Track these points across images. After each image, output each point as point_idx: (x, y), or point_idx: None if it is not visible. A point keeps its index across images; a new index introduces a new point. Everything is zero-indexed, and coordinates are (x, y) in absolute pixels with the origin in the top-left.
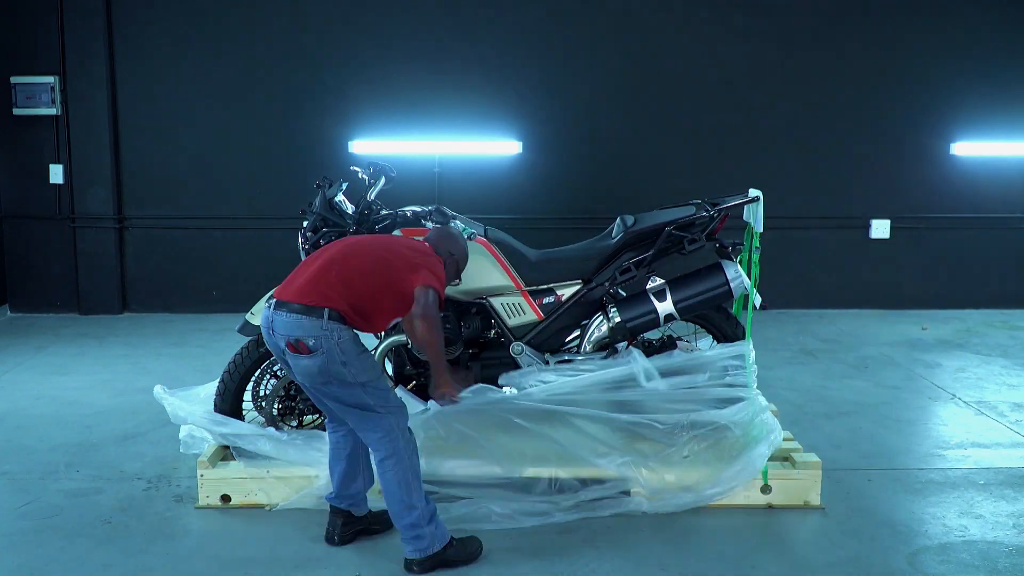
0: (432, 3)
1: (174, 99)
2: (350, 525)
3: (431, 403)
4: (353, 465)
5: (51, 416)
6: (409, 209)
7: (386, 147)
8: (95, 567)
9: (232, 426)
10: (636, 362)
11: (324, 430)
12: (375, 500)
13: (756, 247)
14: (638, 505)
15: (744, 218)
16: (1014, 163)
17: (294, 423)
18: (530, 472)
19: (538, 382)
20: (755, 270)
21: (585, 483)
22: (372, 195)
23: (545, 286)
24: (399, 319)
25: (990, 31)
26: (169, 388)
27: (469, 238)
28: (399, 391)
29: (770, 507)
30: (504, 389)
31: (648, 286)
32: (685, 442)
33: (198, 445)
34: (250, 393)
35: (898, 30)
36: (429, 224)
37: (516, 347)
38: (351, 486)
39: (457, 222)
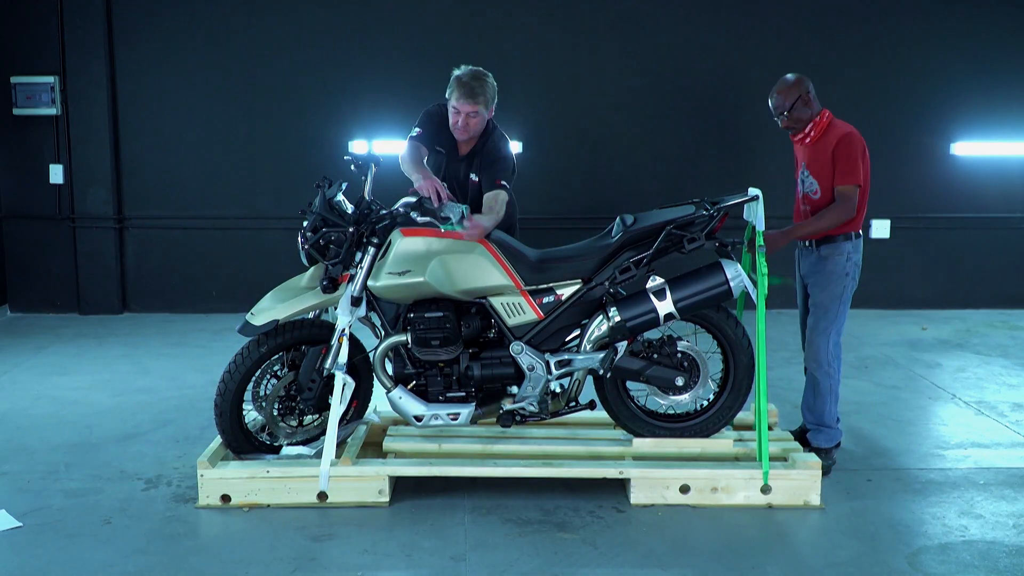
0: (432, 3)
1: (174, 99)
2: None
3: None
4: None
5: (51, 416)
6: (401, 203)
7: (386, 147)
8: (95, 567)
9: None
10: None
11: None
12: None
13: (760, 245)
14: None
15: (744, 217)
16: (1014, 163)
17: (294, 423)
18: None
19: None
20: (763, 269)
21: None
22: (368, 193)
23: (545, 286)
24: None
25: (990, 31)
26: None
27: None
28: (399, 391)
29: (770, 507)
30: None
31: (648, 285)
32: None
33: None
34: (250, 393)
35: (898, 30)
36: (415, 215)
37: (516, 347)
38: None
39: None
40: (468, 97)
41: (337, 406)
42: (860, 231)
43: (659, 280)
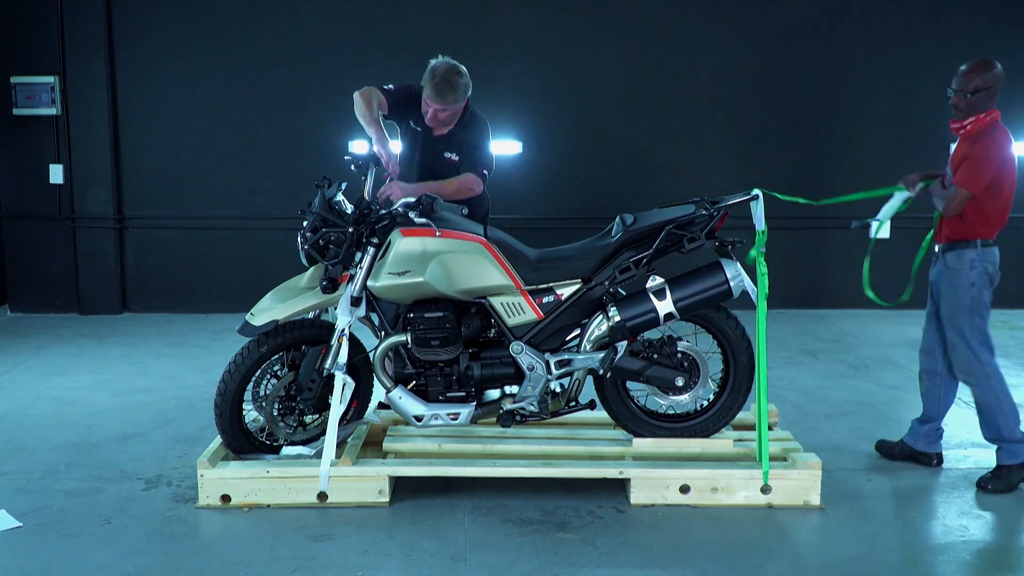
0: (433, 3)
1: (174, 99)
2: None
3: None
4: None
5: (51, 416)
6: (401, 203)
7: None
8: (95, 567)
9: None
10: None
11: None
12: None
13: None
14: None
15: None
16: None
17: (294, 423)
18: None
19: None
20: (763, 268)
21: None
22: (368, 193)
23: (545, 285)
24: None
25: (990, 31)
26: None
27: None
28: (399, 391)
29: (770, 507)
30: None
31: (648, 285)
32: None
33: None
34: (250, 393)
35: (898, 30)
36: (412, 214)
37: (516, 347)
38: None
39: (447, 213)
40: (439, 97)
41: (337, 406)
42: (992, 240)
43: (659, 280)
